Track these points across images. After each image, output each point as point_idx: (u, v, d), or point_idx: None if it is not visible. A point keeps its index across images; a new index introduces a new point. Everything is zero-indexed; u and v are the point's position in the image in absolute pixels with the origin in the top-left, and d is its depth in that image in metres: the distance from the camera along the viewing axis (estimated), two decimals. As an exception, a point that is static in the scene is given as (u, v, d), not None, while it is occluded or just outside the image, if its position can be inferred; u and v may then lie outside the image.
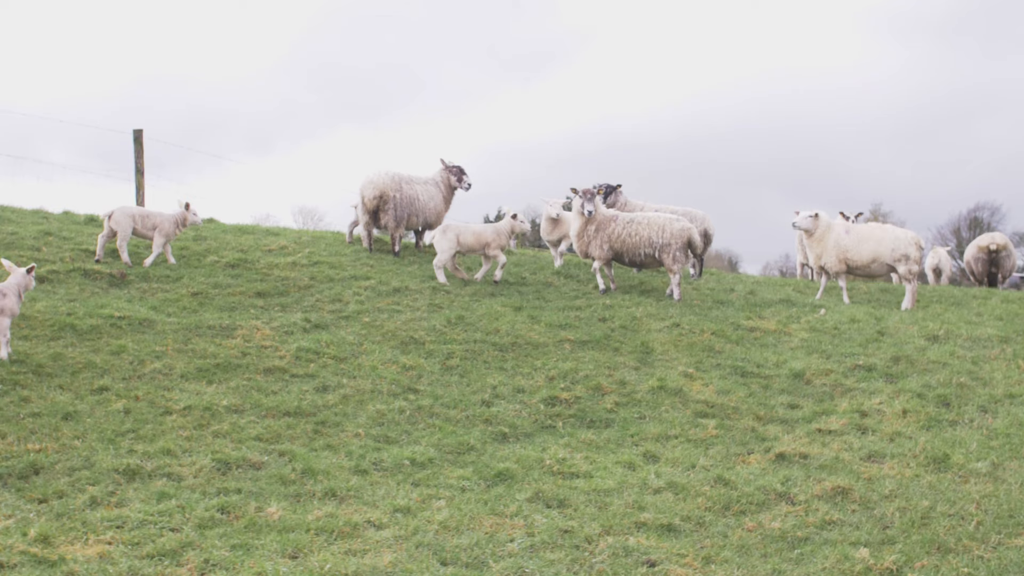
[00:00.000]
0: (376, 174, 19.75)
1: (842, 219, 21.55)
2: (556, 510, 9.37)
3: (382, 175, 19.72)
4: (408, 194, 19.85)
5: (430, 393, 12.77)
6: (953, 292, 22.45)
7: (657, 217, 18.53)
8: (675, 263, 18.25)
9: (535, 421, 12.17)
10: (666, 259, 18.16)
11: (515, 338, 14.90)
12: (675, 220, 18.50)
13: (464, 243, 18.44)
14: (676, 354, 14.61)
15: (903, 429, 11.62)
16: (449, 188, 20.90)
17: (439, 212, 20.67)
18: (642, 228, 18.33)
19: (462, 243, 18.41)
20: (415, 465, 10.59)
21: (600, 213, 18.54)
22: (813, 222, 19.63)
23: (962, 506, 9.23)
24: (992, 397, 12.66)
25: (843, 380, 13.55)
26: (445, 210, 20.86)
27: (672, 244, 18.20)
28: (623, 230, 18.32)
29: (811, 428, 11.82)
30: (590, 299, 17.62)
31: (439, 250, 18.33)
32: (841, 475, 10.18)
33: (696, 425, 12.00)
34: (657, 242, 18.16)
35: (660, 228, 18.28)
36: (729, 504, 9.46)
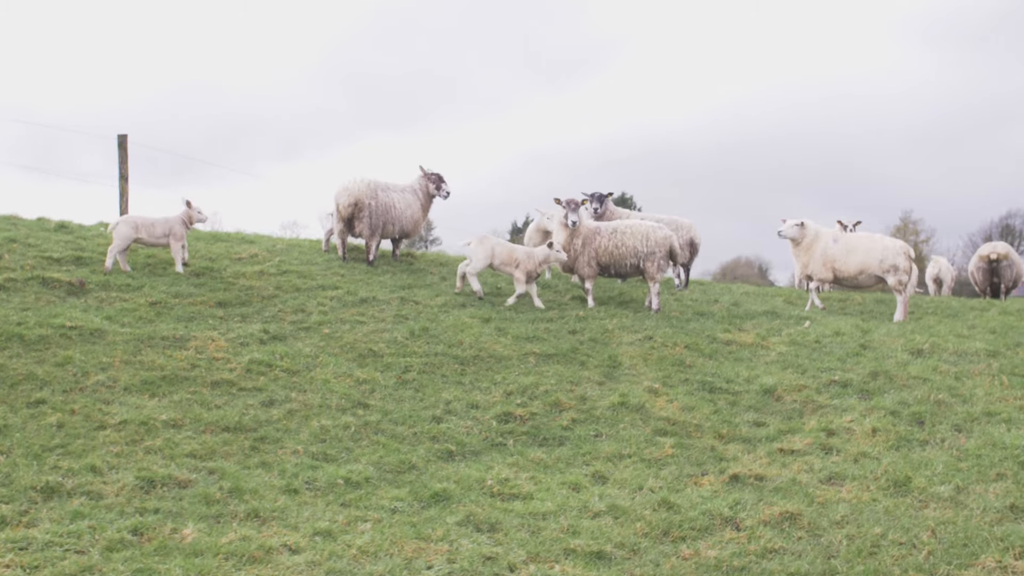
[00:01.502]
0: (351, 181, 19.28)
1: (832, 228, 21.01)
2: (486, 534, 8.82)
3: (357, 182, 19.24)
4: (384, 202, 19.36)
5: (380, 408, 12.24)
6: (951, 303, 21.90)
7: (640, 225, 18.03)
8: (658, 272, 17.77)
9: (485, 439, 11.63)
10: (650, 267, 17.65)
11: (478, 351, 14.36)
12: (657, 228, 18.01)
13: (498, 255, 17.79)
14: (644, 368, 14.06)
15: (870, 449, 11.04)
16: (428, 196, 20.40)
17: (416, 220, 20.16)
18: (627, 238, 17.84)
19: (496, 255, 17.77)
20: (349, 485, 10.06)
21: (584, 225, 17.97)
22: (799, 231, 19.10)
23: (916, 534, 8.64)
24: (969, 415, 12.07)
25: (815, 396, 12.98)
26: (423, 218, 20.35)
27: (656, 252, 17.72)
28: (608, 241, 17.82)
29: (773, 448, 11.26)
30: (564, 310, 17.10)
31: (474, 258, 17.67)
32: (795, 499, 9.61)
33: (653, 444, 11.45)
34: (642, 251, 17.69)
35: (644, 236, 17.79)
36: (669, 530, 8.88)
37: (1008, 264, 26.51)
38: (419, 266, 20.12)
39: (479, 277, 18.09)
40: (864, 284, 19.36)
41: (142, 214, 17.95)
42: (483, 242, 17.72)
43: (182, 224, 18.01)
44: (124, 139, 23.00)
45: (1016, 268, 26.81)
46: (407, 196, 19.96)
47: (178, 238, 17.85)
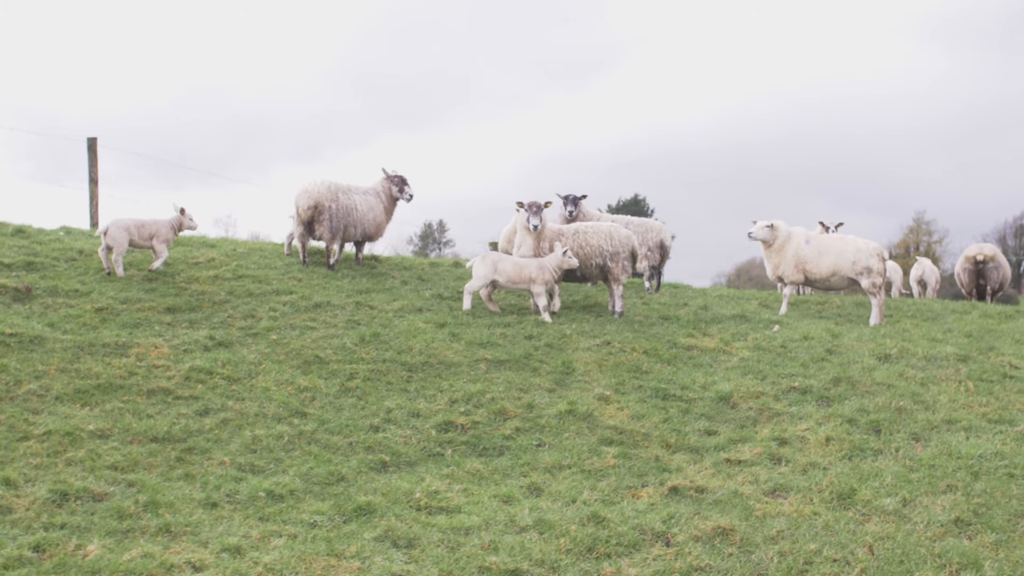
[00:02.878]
0: (311, 184, 18.87)
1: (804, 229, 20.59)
2: (403, 551, 8.39)
3: (317, 184, 18.83)
4: (345, 204, 18.93)
5: (318, 417, 11.81)
6: (932, 306, 21.48)
7: (602, 225, 17.62)
8: (623, 273, 17.34)
9: (423, 449, 11.20)
10: (614, 268, 17.23)
11: (428, 357, 13.93)
12: (618, 228, 17.62)
13: (503, 273, 16.80)
14: (598, 375, 13.63)
15: (820, 459, 10.62)
16: (391, 199, 19.94)
17: (379, 223, 19.72)
18: (591, 238, 17.40)
19: (500, 272, 16.78)
20: (272, 498, 9.63)
21: (549, 228, 17.46)
22: (770, 232, 18.70)
23: (852, 550, 8.22)
24: (929, 423, 11.65)
25: (772, 404, 12.55)
26: (387, 221, 19.91)
27: (620, 252, 17.32)
28: (573, 242, 17.34)
29: (720, 458, 10.83)
30: (523, 315, 16.67)
31: (474, 275, 16.85)
32: (732, 513, 9.17)
33: (596, 454, 11.01)
34: (608, 250, 17.25)
35: (608, 236, 17.38)
36: (594, 546, 8.43)
37: (995, 266, 26.14)
38: (381, 270, 19.69)
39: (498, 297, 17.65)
40: (837, 286, 18.97)
41: (132, 216, 17.67)
42: (484, 259, 16.96)
43: (170, 229, 17.80)
44: (94, 142, 22.80)
45: (1003, 271, 26.43)
46: (369, 199, 19.52)
47: (162, 240, 17.64)
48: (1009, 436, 11.12)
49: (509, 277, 16.76)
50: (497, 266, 16.76)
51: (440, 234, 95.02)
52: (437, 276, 19.69)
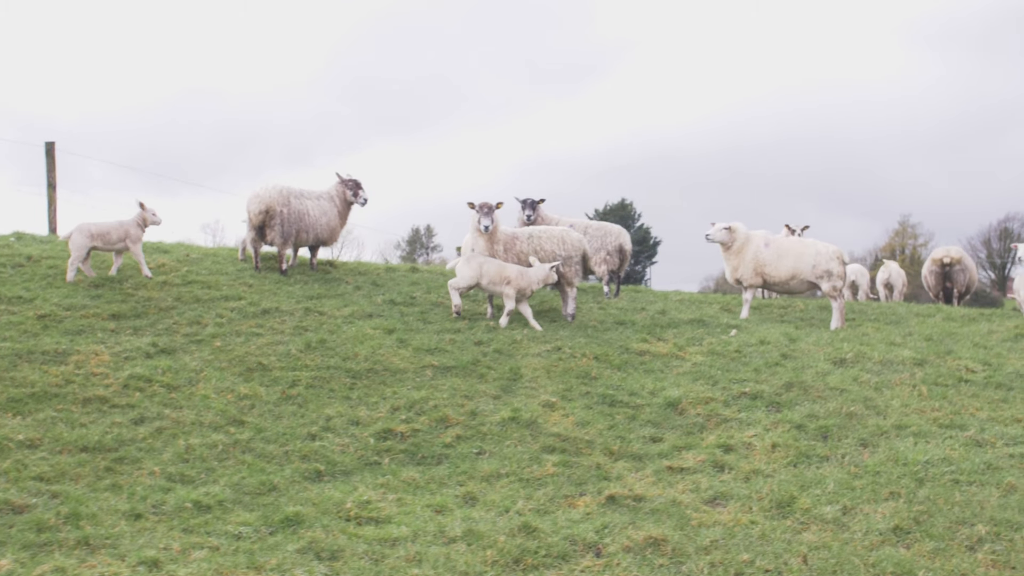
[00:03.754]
0: (263, 188, 18.61)
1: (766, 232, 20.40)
2: (325, 563, 8.14)
3: (268, 189, 18.57)
4: (297, 209, 18.65)
5: (255, 425, 11.54)
6: (896, 310, 21.31)
7: (554, 230, 17.37)
8: (576, 276, 17.12)
9: (360, 457, 10.95)
10: (567, 272, 16.99)
11: (373, 364, 13.68)
12: (570, 232, 17.39)
13: (487, 275, 16.54)
14: (546, 381, 13.39)
15: (764, 467, 10.41)
16: (345, 203, 19.67)
17: (333, 228, 19.45)
18: (545, 242, 17.15)
19: (485, 275, 16.51)
20: (199, 508, 9.36)
21: (502, 231, 17.13)
22: (728, 234, 18.51)
23: (786, 560, 8.01)
24: (879, 428, 11.46)
25: (721, 410, 12.34)
26: (341, 226, 19.66)
27: (573, 256, 17.09)
28: (527, 246, 17.07)
29: (663, 465, 10.60)
30: (475, 320, 16.43)
31: (459, 276, 16.64)
32: (668, 522, 8.94)
33: (537, 462, 10.76)
34: (561, 254, 17.00)
35: (561, 240, 17.16)
36: (522, 557, 8.18)
37: (961, 269, 25.99)
38: (336, 275, 19.42)
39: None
40: (796, 290, 18.80)
41: (96, 220, 17.47)
42: (470, 261, 16.62)
43: (137, 227, 17.60)
44: (52, 147, 22.64)
45: (969, 273, 26.30)
46: (323, 203, 19.25)
47: (135, 241, 17.48)
48: (959, 441, 10.94)
49: (491, 279, 16.52)
50: (483, 268, 16.49)
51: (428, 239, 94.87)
52: (392, 281, 19.43)
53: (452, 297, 16.75)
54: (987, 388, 13.20)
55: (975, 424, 11.60)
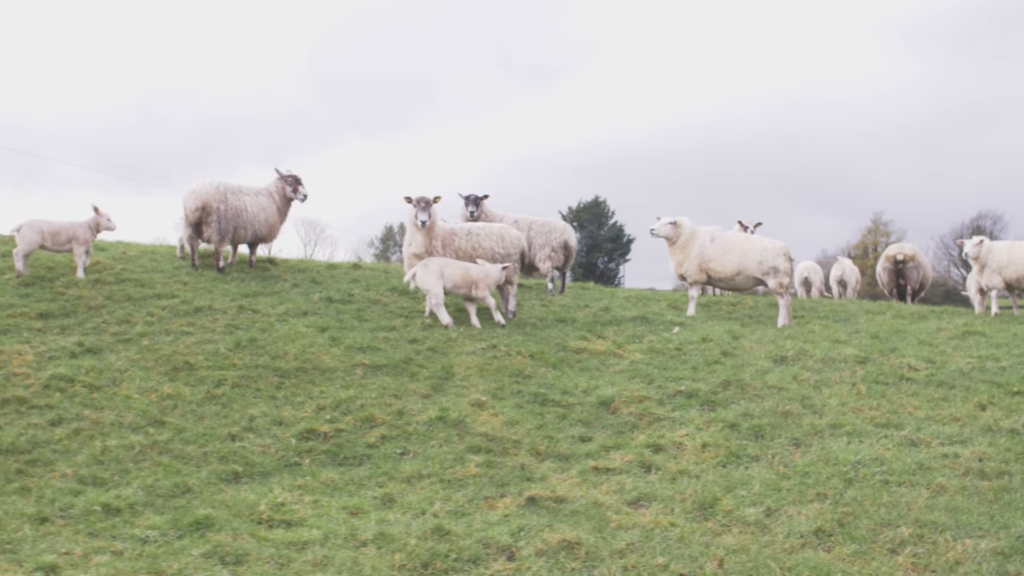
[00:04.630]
0: (199, 184, 18.33)
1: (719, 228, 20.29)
2: (229, 567, 7.87)
3: (205, 185, 18.29)
4: (234, 206, 18.38)
5: (176, 426, 11.27)
6: (847, 307, 21.23)
7: (493, 227, 17.10)
8: (515, 273, 16.86)
9: (280, 458, 10.68)
10: (507, 270, 16.70)
11: (303, 362, 13.42)
12: (509, 229, 17.16)
13: (450, 278, 16.04)
14: (478, 380, 13.15)
15: (693, 467, 10.19)
16: (284, 199, 19.41)
17: (272, 225, 19.18)
18: (484, 240, 16.87)
19: (448, 278, 15.99)
20: (108, 511, 9.09)
21: (440, 226, 16.77)
22: (673, 229, 18.33)
23: (702, 564, 7.79)
24: (814, 427, 11.27)
25: (655, 409, 12.13)
26: (280, 223, 19.39)
27: (512, 254, 16.85)
28: (466, 243, 16.78)
29: (589, 466, 10.36)
30: (411, 319, 16.18)
31: (428, 288, 15.94)
32: (587, 524, 8.70)
33: (461, 462, 10.51)
34: (500, 252, 16.74)
35: (500, 238, 16.90)
36: (431, 561, 7.93)
37: (914, 266, 25.98)
38: (274, 273, 19.16)
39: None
40: (742, 286, 18.65)
41: (48, 219, 17.31)
42: (428, 266, 16.02)
43: (88, 230, 17.45)
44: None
45: (922, 271, 26.29)
46: (261, 199, 18.99)
47: (81, 243, 17.31)
48: (893, 441, 10.76)
49: (456, 283, 16.12)
50: (444, 272, 16.03)
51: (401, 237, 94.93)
52: (332, 279, 19.18)
53: (441, 317, 15.98)
54: (928, 386, 13.04)
55: (912, 423, 11.42)
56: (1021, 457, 10.21)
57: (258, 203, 18.85)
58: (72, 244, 17.25)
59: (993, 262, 19.40)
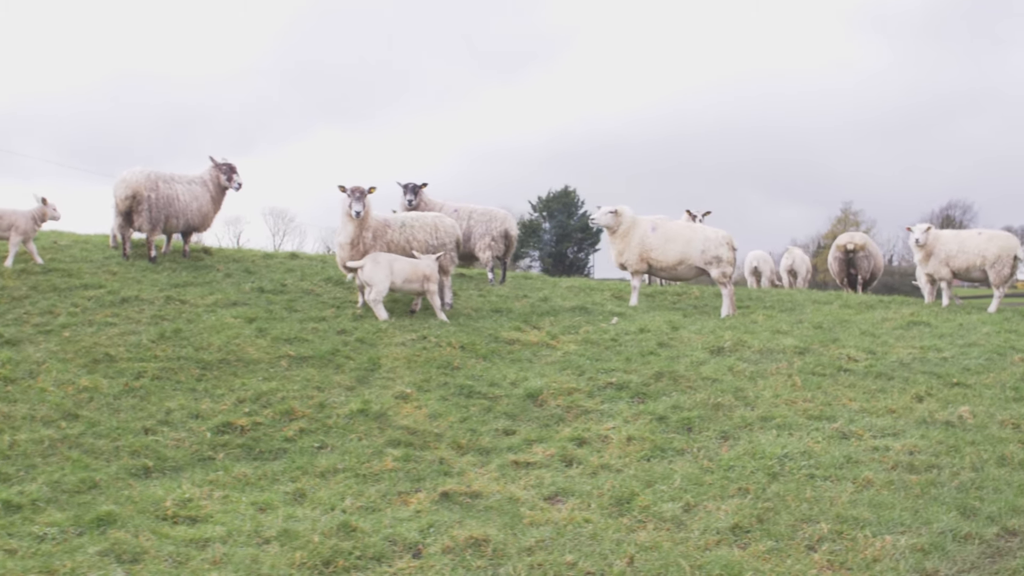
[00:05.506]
0: (129, 172, 17.97)
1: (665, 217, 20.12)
2: (125, 566, 7.57)
3: (135, 173, 17.93)
4: (166, 194, 18.02)
5: (90, 419, 10.93)
6: (795, 296, 21.09)
7: (427, 218, 16.78)
8: (451, 264, 16.60)
9: (194, 452, 10.37)
10: (442, 261, 16.44)
11: (227, 354, 13.12)
12: (443, 219, 16.83)
13: (399, 273, 15.65)
14: (405, 371, 12.89)
15: (616, 461, 9.97)
16: (219, 188, 19.09)
17: (205, 214, 18.85)
18: (417, 231, 16.52)
19: (397, 273, 15.60)
20: (8, 508, 8.75)
21: (374, 217, 16.34)
22: (614, 218, 18.15)
23: (611, 562, 7.55)
24: (744, 420, 11.08)
25: (584, 401, 11.91)
26: (214, 211, 19.05)
27: (447, 244, 16.55)
28: (399, 235, 16.42)
29: (509, 460, 10.11)
30: (343, 309, 15.90)
31: (374, 282, 15.47)
32: (499, 520, 8.45)
33: (379, 456, 10.24)
34: (433, 244, 16.43)
35: (433, 229, 16.57)
36: (334, 558, 7.65)
37: (865, 255, 25.87)
38: (208, 263, 18.83)
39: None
40: (684, 276, 18.47)
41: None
42: (377, 261, 15.69)
43: (30, 220, 17.18)
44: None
45: (873, 260, 26.19)
46: (194, 188, 18.64)
47: (20, 232, 17.00)
48: (824, 434, 10.58)
49: (407, 278, 15.76)
50: (393, 267, 15.64)
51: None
52: (267, 268, 18.87)
53: (379, 312, 15.62)
54: (866, 378, 12.88)
55: (845, 415, 11.25)
56: (952, 450, 10.04)
57: (191, 191, 18.51)
58: (11, 232, 16.95)
59: (941, 251, 19.21)
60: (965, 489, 9.05)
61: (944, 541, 7.84)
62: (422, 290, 15.91)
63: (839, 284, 26.75)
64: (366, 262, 15.55)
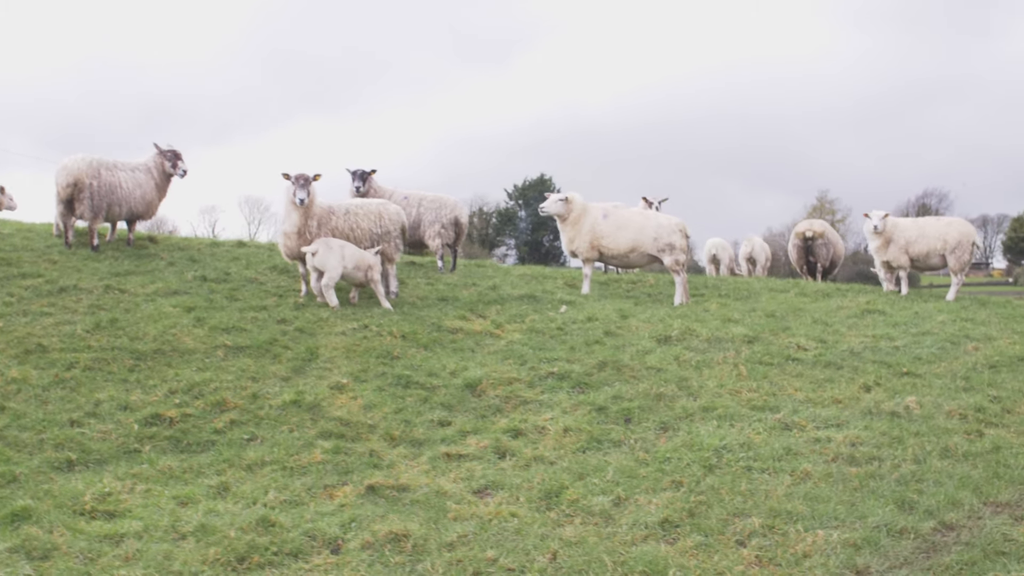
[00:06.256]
0: (71, 160, 17.64)
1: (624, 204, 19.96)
2: (35, 563, 7.33)
3: (77, 160, 17.60)
4: (108, 181, 17.71)
5: (16, 411, 10.67)
6: (752, 284, 20.93)
7: (372, 205, 16.52)
8: (396, 251, 16.35)
9: (120, 445, 10.10)
10: (386, 248, 16.20)
11: (163, 344, 12.85)
12: (387, 205, 16.60)
13: (350, 259, 15.44)
14: (342, 361, 12.65)
15: (550, 453, 9.77)
16: (164, 175, 18.75)
17: (149, 201, 18.52)
18: (362, 219, 16.25)
19: (348, 259, 15.39)
20: (-79, 505, 8.50)
21: (317, 205, 16.01)
22: (564, 206, 17.94)
23: (534, 558, 7.34)
24: (686, 410, 10.91)
25: (524, 391, 11.71)
26: (159, 199, 18.73)
27: (391, 231, 16.32)
28: (343, 223, 16.14)
29: (442, 452, 9.90)
30: (285, 298, 15.67)
31: (327, 267, 15.25)
32: (423, 515, 8.24)
33: (308, 448, 10.01)
34: (377, 232, 16.18)
35: (378, 216, 16.31)
36: (248, 555, 7.42)
37: (824, 243, 25.74)
38: (152, 251, 18.51)
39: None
40: (636, 263, 18.30)
41: None
42: (330, 247, 15.44)
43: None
44: None
45: (832, 248, 26.07)
46: (138, 175, 18.31)
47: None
48: (766, 424, 10.42)
49: (356, 264, 15.53)
50: (344, 252, 15.40)
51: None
52: (213, 256, 18.58)
53: (328, 299, 15.39)
54: (815, 367, 12.74)
55: (789, 406, 11.10)
56: (896, 442, 9.89)
57: (134, 179, 18.19)
58: None
59: (900, 238, 19.04)
60: (905, 482, 8.88)
61: (878, 536, 7.66)
62: (365, 279, 15.60)
63: (799, 272, 26.65)
64: (318, 247, 15.29)
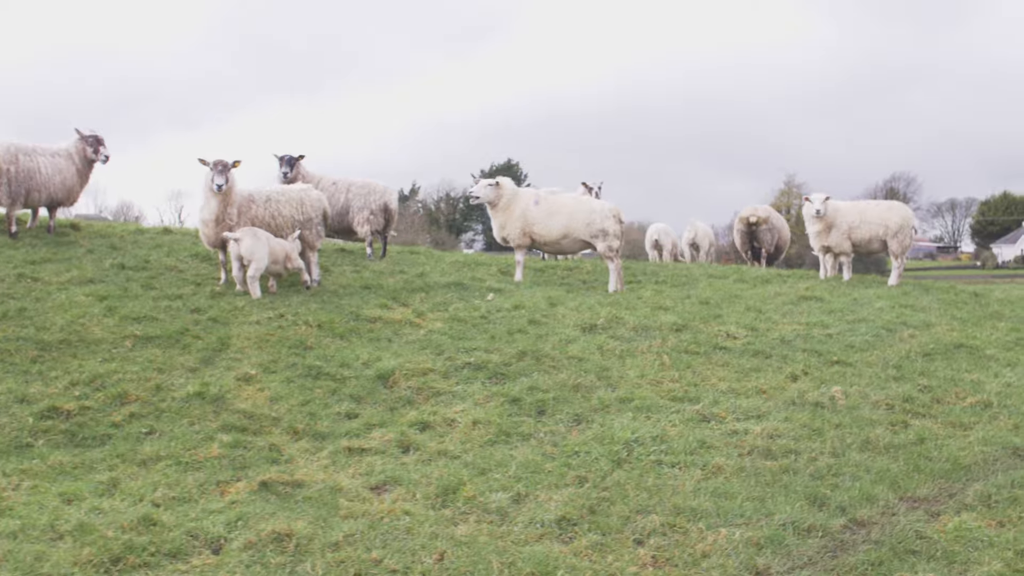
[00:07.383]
0: (-14, 146, 17.18)
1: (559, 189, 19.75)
2: (-101, 567, 7.00)
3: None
4: (26, 167, 17.25)
5: (-92, 406, 10.28)
6: (691, 271, 20.81)
7: (293, 192, 16.20)
8: (317, 239, 16.06)
9: (13, 439, 9.72)
10: (308, 236, 15.89)
11: (69, 334, 12.47)
12: (309, 191, 16.31)
13: (273, 251, 15.11)
14: (253, 352, 12.33)
15: (456, 447, 9.52)
16: (85, 161, 18.29)
17: (70, 187, 18.08)
18: (283, 207, 15.92)
19: (271, 250, 15.06)
20: None
21: (237, 192, 15.57)
22: (494, 191, 17.69)
23: (420, 558, 7.06)
24: (602, 402, 10.69)
25: (438, 382, 11.45)
26: (80, 185, 18.28)
27: (313, 218, 16.04)
28: (264, 211, 15.76)
29: (343, 446, 9.60)
30: (203, 286, 15.32)
31: (255, 257, 14.84)
32: (313, 512, 7.94)
33: (207, 442, 9.68)
34: (299, 219, 15.86)
35: (299, 203, 16.01)
36: (124, 556, 7.09)
37: (768, 228, 25.65)
38: (73, 239, 18.10)
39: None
40: (569, 250, 18.14)
41: None
42: (257, 237, 15.01)
43: None
44: None
45: (777, 233, 25.98)
46: (58, 161, 17.87)
47: None
48: (683, 416, 10.22)
49: (275, 257, 15.22)
50: (270, 243, 15.07)
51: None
52: (135, 244, 18.20)
53: (253, 290, 15.02)
54: (743, 356, 12.57)
55: (710, 396, 10.92)
56: (815, 434, 9.73)
57: (54, 165, 17.75)
58: None
59: (842, 223, 18.90)
60: (820, 476, 8.70)
61: (784, 534, 7.45)
62: (285, 271, 15.37)
63: (744, 257, 26.54)
64: (245, 236, 14.90)
